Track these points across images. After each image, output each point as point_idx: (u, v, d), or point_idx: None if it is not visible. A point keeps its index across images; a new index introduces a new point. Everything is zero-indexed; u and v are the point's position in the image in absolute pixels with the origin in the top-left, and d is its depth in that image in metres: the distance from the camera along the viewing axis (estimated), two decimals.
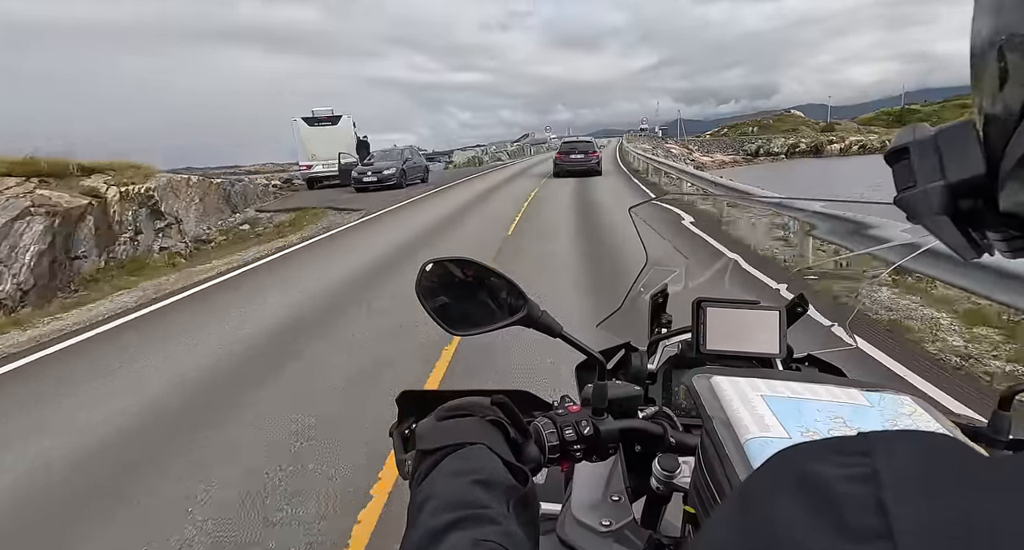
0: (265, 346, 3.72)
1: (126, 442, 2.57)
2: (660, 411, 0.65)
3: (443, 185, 16.67)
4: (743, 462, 0.42)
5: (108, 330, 4.42)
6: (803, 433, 0.46)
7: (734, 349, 0.78)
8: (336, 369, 3.23)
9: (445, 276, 0.57)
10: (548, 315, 0.58)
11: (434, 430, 0.49)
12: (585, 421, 0.58)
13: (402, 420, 0.61)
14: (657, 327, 0.92)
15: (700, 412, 0.50)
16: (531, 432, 0.54)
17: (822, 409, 0.49)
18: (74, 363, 3.69)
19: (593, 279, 4.89)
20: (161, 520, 1.99)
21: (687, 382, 0.56)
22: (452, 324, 0.57)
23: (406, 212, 10.85)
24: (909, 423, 0.48)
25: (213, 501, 2.09)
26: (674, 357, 0.83)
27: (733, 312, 0.79)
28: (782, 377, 0.55)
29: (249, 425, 2.64)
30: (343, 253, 7.09)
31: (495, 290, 0.57)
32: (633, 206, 1.00)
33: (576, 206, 10.54)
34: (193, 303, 5.12)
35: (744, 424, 0.46)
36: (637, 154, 22.71)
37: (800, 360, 0.83)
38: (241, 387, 3.08)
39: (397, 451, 0.57)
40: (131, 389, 3.16)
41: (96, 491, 2.21)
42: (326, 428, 2.55)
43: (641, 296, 0.96)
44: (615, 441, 0.59)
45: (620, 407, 0.61)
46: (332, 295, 4.97)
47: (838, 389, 0.52)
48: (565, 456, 0.57)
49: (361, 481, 2.14)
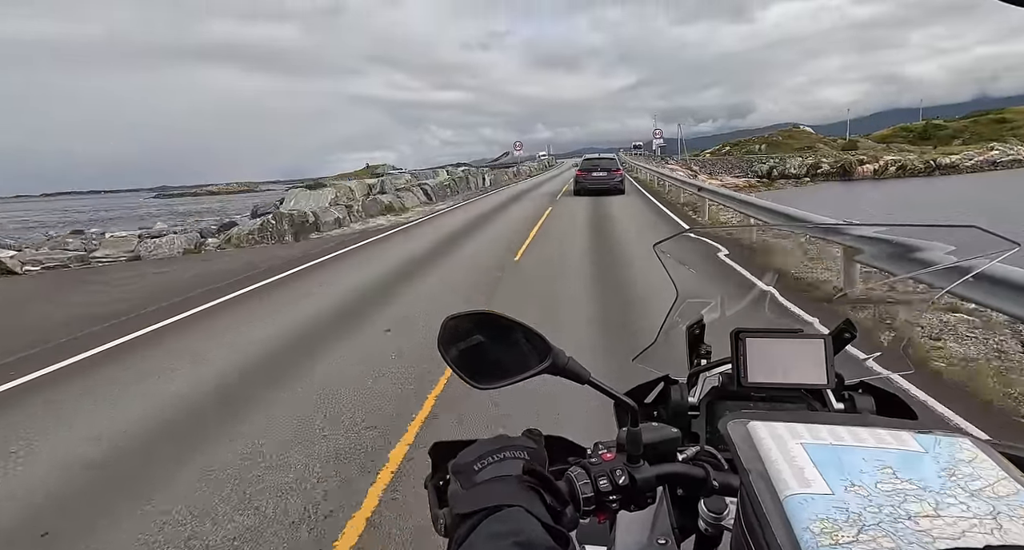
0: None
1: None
2: (702, 450, 0.67)
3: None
4: (782, 523, 0.43)
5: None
6: (847, 487, 0.46)
7: (778, 381, 0.80)
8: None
9: (466, 330, 0.62)
10: (575, 362, 0.62)
11: (470, 493, 0.54)
12: (620, 469, 0.60)
13: (436, 472, 0.64)
14: (696, 358, 0.96)
15: (737, 464, 0.52)
16: (567, 497, 0.57)
17: (868, 457, 0.49)
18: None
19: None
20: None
21: (721, 428, 0.57)
22: (476, 377, 0.62)
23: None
24: (969, 471, 0.48)
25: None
26: (716, 389, 0.86)
27: (774, 342, 0.82)
28: (825, 419, 0.57)
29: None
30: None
31: (518, 340, 0.62)
32: (658, 242, 1.06)
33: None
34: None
35: (783, 478, 0.47)
36: (656, 175, 21.66)
37: (853, 388, 0.86)
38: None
39: (432, 505, 0.60)
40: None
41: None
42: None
43: (676, 327, 1.00)
44: (653, 488, 0.61)
45: (657, 451, 0.63)
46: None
47: (886, 433, 0.53)
48: (601, 507, 0.59)
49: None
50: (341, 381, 3.87)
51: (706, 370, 0.92)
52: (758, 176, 44.86)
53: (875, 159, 46.32)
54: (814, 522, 0.43)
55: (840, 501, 0.45)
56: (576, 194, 19.94)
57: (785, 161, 46.91)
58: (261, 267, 8.82)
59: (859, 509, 0.44)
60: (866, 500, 0.45)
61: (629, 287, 6.04)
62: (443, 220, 14.83)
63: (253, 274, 8.22)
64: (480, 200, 21.23)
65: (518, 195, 22.68)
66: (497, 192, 25.83)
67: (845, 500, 0.45)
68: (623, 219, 12.72)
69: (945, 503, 0.44)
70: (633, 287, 6.00)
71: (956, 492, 0.45)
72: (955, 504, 0.44)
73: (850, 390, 0.86)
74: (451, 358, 0.62)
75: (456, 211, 17.28)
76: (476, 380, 0.62)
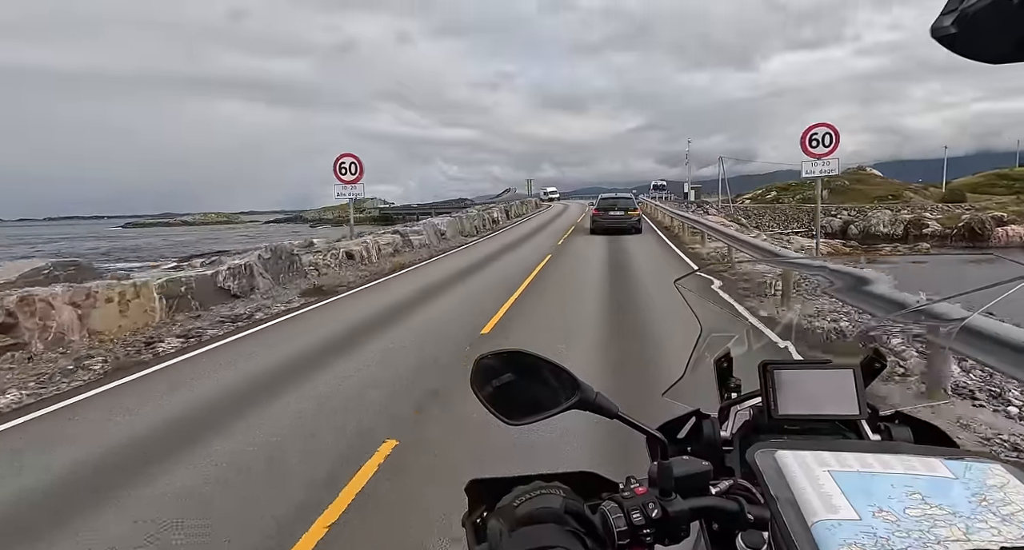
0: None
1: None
2: (735, 484, 0.77)
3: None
4: (811, 549, 0.51)
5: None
6: (875, 513, 0.54)
7: (809, 412, 0.93)
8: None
9: (498, 368, 0.79)
10: (603, 396, 0.78)
11: (512, 539, 0.65)
12: (652, 503, 0.69)
13: (473, 509, 0.79)
14: (726, 392, 1.11)
15: (765, 492, 0.62)
16: (603, 535, 0.67)
17: (896, 484, 0.57)
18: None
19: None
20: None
21: (749, 458, 0.68)
22: (508, 414, 0.78)
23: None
24: (1000, 496, 0.55)
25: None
26: (748, 423, 1.00)
27: (803, 373, 0.96)
28: (854, 447, 0.66)
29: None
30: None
31: (547, 377, 0.78)
32: (678, 279, 1.25)
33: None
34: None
35: (811, 505, 0.56)
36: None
37: (889, 419, 0.99)
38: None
39: (470, 542, 0.74)
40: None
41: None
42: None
43: (704, 361, 1.16)
44: (686, 522, 0.71)
45: (689, 484, 0.72)
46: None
47: (915, 459, 0.61)
48: (635, 541, 0.68)
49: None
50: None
51: (737, 403, 1.07)
52: (828, 234, 36.15)
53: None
54: (842, 547, 0.51)
55: (868, 526, 0.53)
56: (592, 233, 22.78)
57: (867, 215, 40.01)
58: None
59: (887, 534, 0.52)
60: (894, 525, 0.53)
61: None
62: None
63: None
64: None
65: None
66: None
67: (873, 525, 0.53)
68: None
69: (975, 527, 0.52)
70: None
71: (987, 517, 0.53)
72: (986, 529, 0.52)
73: (886, 421, 0.98)
74: (484, 396, 0.79)
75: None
76: (509, 416, 0.78)
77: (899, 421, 0.98)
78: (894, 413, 1.00)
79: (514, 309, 9.39)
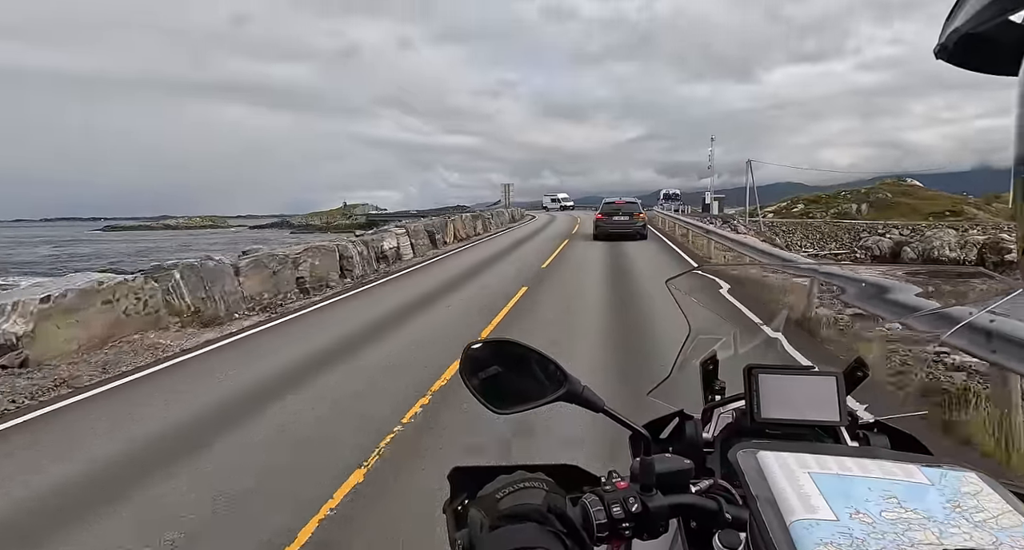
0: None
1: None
2: (715, 484, 0.84)
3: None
4: (788, 547, 0.56)
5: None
6: (852, 514, 0.59)
7: (791, 417, 1.03)
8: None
9: (488, 357, 0.87)
10: (590, 390, 0.86)
11: (492, 537, 0.71)
12: (633, 498, 0.76)
13: (454, 497, 0.87)
14: (711, 394, 1.22)
15: (745, 491, 0.67)
16: (583, 532, 0.73)
17: (874, 487, 0.62)
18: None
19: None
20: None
21: (731, 457, 0.74)
22: (496, 403, 0.86)
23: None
24: (974, 504, 0.60)
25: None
26: (730, 425, 1.10)
27: (787, 379, 1.05)
28: (835, 451, 0.73)
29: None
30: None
31: (536, 368, 0.86)
32: (670, 279, 1.35)
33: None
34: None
35: (789, 504, 0.60)
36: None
37: (868, 427, 1.09)
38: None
39: (450, 529, 0.81)
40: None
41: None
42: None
43: (690, 362, 1.27)
44: (665, 518, 0.77)
45: (670, 482, 0.79)
46: None
47: (893, 465, 0.67)
48: (614, 534, 0.75)
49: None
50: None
51: (720, 405, 1.17)
52: (877, 258, 32.76)
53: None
54: (819, 546, 0.57)
55: (845, 527, 0.59)
56: (595, 239, 23.19)
57: (925, 235, 33.88)
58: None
59: (863, 535, 0.58)
60: (870, 527, 0.59)
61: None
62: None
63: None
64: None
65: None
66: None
67: (850, 527, 0.59)
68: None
69: (949, 532, 0.58)
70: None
71: (960, 523, 0.60)
72: (958, 534, 0.58)
73: (865, 429, 1.09)
74: (472, 385, 0.87)
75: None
76: (495, 406, 0.87)
77: (877, 430, 1.08)
78: (873, 422, 1.10)
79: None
